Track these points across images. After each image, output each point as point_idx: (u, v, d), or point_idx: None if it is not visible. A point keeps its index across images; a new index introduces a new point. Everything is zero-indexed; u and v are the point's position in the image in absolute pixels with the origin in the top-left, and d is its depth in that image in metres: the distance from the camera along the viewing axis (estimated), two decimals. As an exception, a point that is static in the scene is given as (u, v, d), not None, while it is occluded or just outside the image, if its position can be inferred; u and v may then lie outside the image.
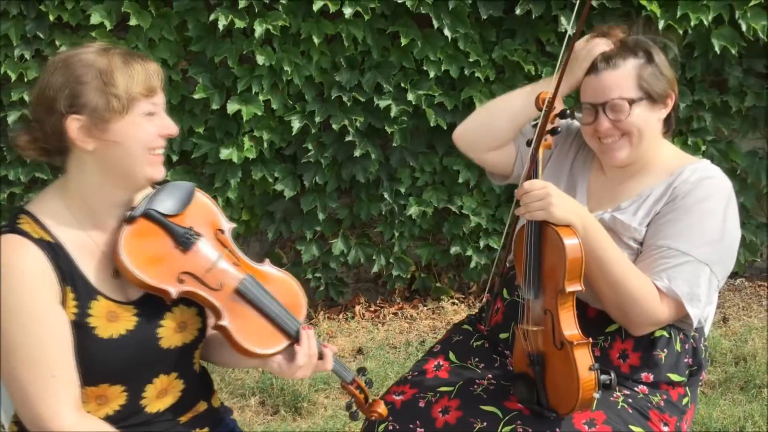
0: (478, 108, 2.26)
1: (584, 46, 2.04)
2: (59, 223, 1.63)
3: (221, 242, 1.75)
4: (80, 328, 1.60)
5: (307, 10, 3.85)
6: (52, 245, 1.60)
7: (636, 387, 2.03)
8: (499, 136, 2.20)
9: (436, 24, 3.89)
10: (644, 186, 2.05)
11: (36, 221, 1.62)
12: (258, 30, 3.81)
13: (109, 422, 1.65)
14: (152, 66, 1.65)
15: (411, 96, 3.96)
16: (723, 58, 4.00)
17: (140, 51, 3.73)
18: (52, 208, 1.65)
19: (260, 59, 3.85)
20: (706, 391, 3.44)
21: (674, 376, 2.04)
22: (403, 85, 3.98)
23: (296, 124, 3.96)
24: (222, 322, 1.66)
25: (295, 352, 1.72)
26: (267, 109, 3.97)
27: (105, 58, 1.61)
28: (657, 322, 1.97)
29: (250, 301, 1.70)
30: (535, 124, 2.00)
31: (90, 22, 3.77)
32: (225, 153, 3.95)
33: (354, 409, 1.87)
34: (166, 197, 1.70)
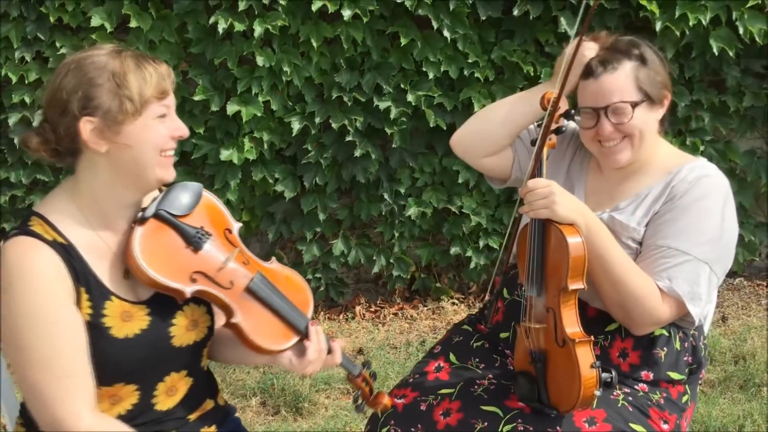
0: (473, 115, 2.27)
1: (572, 51, 2.04)
2: (70, 224, 1.64)
3: (230, 241, 1.76)
4: (95, 329, 1.60)
5: (306, 10, 3.86)
6: (65, 247, 1.60)
7: (636, 385, 2.03)
8: (494, 142, 2.20)
9: (435, 25, 3.89)
10: (642, 186, 2.05)
11: (47, 223, 1.62)
12: (257, 30, 3.81)
13: (121, 421, 1.65)
14: (164, 68, 1.66)
15: (410, 97, 3.97)
16: (721, 58, 4.01)
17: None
18: (62, 210, 1.65)
19: (260, 60, 3.86)
20: (705, 390, 3.45)
21: (674, 375, 2.05)
22: (402, 86, 3.98)
23: (296, 125, 3.97)
24: (234, 319, 1.67)
25: (305, 347, 1.73)
26: (267, 110, 3.97)
27: (118, 60, 1.61)
28: (658, 321, 1.98)
29: (261, 299, 1.72)
30: (539, 124, 2.01)
31: (90, 24, 3.78)
32: (225, 154, 3.95)
33: (360, 401, 1.89)
34: (176, 198, 1.71)
